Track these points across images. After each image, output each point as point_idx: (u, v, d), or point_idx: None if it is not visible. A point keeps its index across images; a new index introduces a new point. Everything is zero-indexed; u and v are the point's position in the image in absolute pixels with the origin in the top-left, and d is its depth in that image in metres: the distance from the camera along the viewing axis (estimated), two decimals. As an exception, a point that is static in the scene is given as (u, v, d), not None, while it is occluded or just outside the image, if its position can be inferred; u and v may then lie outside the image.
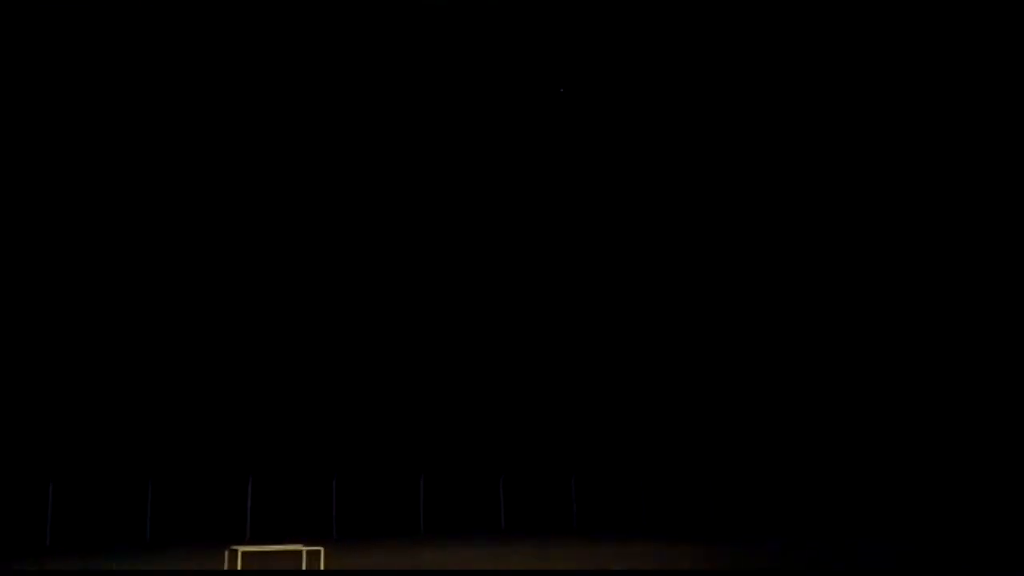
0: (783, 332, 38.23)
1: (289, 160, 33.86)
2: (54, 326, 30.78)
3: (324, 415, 33.05)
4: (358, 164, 34.90)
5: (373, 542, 25.33)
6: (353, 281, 35.04)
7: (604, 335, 37.92)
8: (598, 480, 33.86)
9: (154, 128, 32.20)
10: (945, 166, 37.61)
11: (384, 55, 34.77)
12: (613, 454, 35.82)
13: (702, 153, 38.53)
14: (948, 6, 34.30)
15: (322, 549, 15.44)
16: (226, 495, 27.78)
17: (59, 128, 30.85)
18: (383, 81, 34.88)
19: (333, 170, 34.61)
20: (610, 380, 37.74)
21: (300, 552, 15.51)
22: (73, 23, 30.21)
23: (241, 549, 15.00)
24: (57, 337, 30.70)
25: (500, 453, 33.77)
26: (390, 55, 34.79)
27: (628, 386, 37.82)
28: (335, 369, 34.17)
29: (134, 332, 31.96)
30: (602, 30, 35.75)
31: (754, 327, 38.38)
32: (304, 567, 15.18)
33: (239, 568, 14.45)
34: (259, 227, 33.66)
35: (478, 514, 31.19)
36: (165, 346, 32.20)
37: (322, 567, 15.18)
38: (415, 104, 35.27)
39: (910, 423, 36.57)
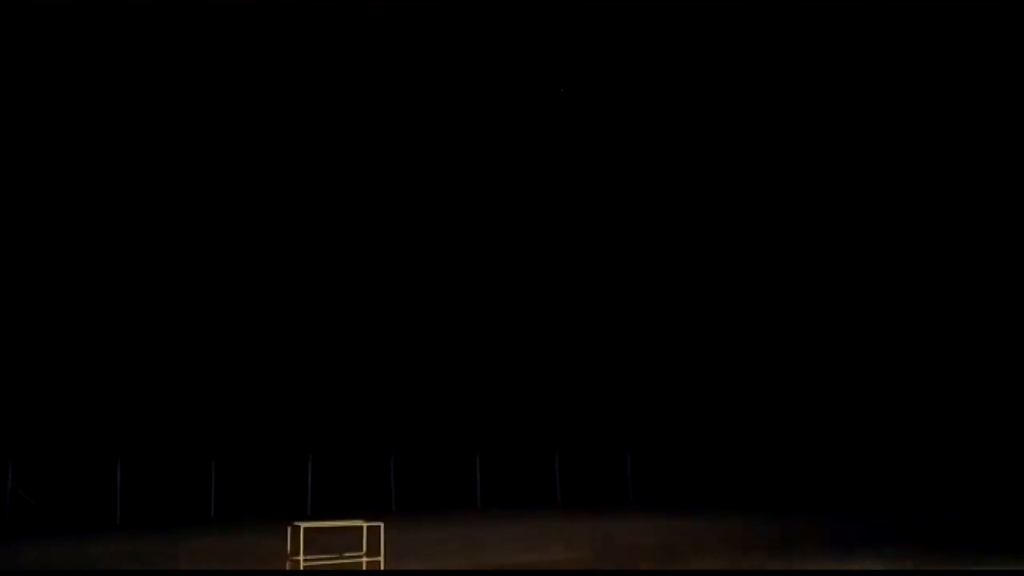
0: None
1: (286, 152, 34.07)
2: (118, 313, 31.52)
3: (381, 393, 33.54)
4: (357, 154, 35.07)
5: (431, 516, 25.73)
6: (401, 263, 35.41)
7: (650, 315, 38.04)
8: (653, 454, 33.99)
9: (153, 127, 32.66)
10: (945, 166, 37.16)
11: (384, 55, 34.91)
12: (666, 428, 35.91)
13: (702, 153, 38.47)
14: (948, 7, 33.70)
15: (382, 524, 15.77)
16: (287, 473, 28.37)
17: (59, 128, 31.38)
18: (383, 81, 35.07)
19: (333, 161, 34.82)
20: (665, 354, 37.83)
21: (361, 527, 15.86)
22: (73, 23, 30.66)
23: (303, 525, 15.37)
24: (121, 320, 31.45)
25: (555, 429, 34.01)
26: (390, 55, 34.93)
27: (683, 360, 37.89)
28: (392, 347, 34.62)
29: (198, 313, 32.64)
30: (602, 30, 35.62)
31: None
32: (364, 541, 15.52)
33: (301, 543, 14.84)
34: (295, 212, 34.04)
35: (534, 489, 31.49)
36: (227, 328, 32.84)
37: (382, 541, 15.50)
38: (415, 104, 35.45)
39: (905, 396, 36.39)
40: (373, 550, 15.55)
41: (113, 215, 31.74)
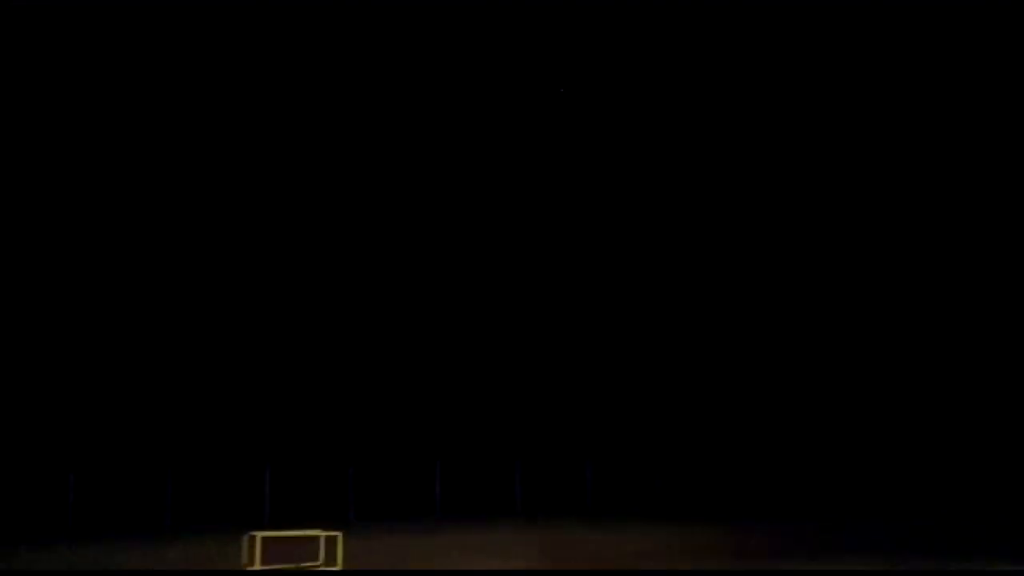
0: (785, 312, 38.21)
1: (293, 153, 33.90)
2: (70, 316, 31.05)
3: (339, 402, 33.26)
4: (359, 159, 34.93)
5: (390, 526, 25.53)
6: (363, 270, 35.20)
7: (615, 319, 38.00)
8: (613, 464, 33.96)
9: (152, 126, 32.37)
10: (945, 167, 37.59)
11: (384, 55, 34.83)
12: (628, 438, 35.89)
13: (702, 153, 38.64)
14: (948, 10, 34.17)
15: (340, 534, 15.61)
16: (244, 483, 28.01)
17: (59, 127, 31.04)
18: (383, 81, 34.97)
19: (335, 165, 34.66)
20: (626, 363, 37.82)
21: (318, 537, 15.68)
22: (73, 23, 30.37)
23: (260, 534, 15.17)
24: (79, 327, 30.98)
25: (516, 438, 33.89)
26: (390, 55, 34.86)
27: (644, 369, 37.91)
28: (350, 355, 34.36)
29: (154, 322, 32.21)
30: (602, 30, 35.74)
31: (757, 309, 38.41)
32: (322, 552, 15.34)
33: (258, 553, 14.63)
34: (263, 218, 33.78)
35: (494, 498, 31.36)
36: (182, 335, 32.43)
37: (340, 551, 15.33)
38: (415, 104, 35.36)
39: (896, 403, 36.64)
40: (331, 560, 15.38)
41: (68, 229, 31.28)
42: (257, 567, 14.65)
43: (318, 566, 15.31)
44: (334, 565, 15.32)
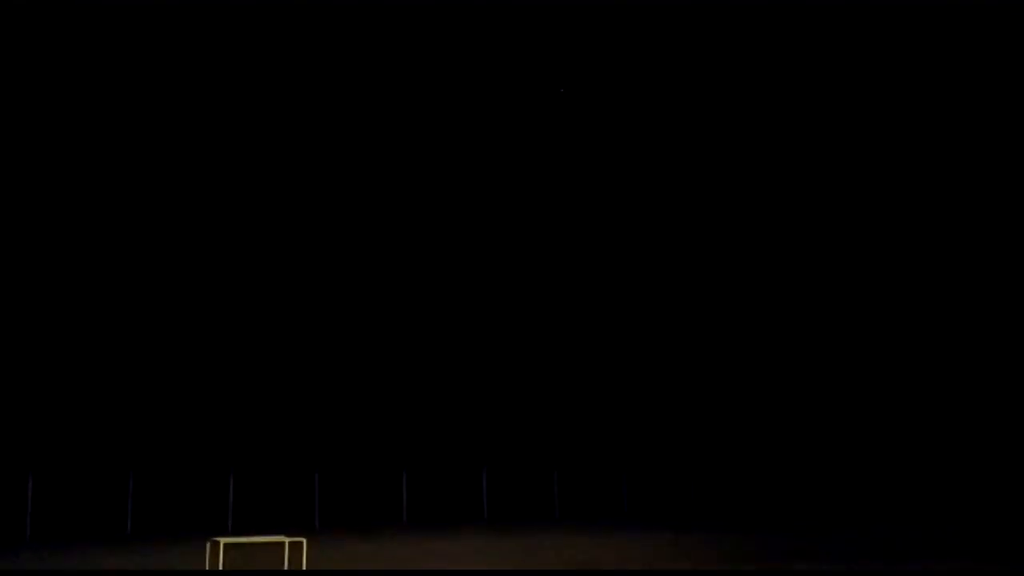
0: (766, 321, 38.31)
1: (276, 156, 33.68)
2: (36, 318, 30.57)
3: (305, 408, 32.97)
4: (350, 161, 34.76)
5: (355, 534, 25.29)
6: (334, 275, 34.96)
7: (584, 326, 37.95)
8: (580, 471, 33.91)
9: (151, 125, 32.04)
10: (945, 168, 37.79)
11: (384, 54, 34.65)
12: (594, 445, 35.86)
13: (702, 153, 38.66)
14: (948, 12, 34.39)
15: (304, 541, 15.40)
16: (207, 488, 27.66)
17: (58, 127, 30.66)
18: (383, 81, 34.78)
19: (321, 166, 34.47)
20: (591, 371, 37.78)
21: (282, 543, 15.46)
22: (72, 23, 30.01)
23: (223, 541, 14.94)
24: (38, 328, 30.50)
25: (482, 445, 33.76)
26: (390, 54, 34.68)
27: (609, 377, 37.88)
28: (316, 362, 34.09)
29: (116, 324, 31.78)
30: (602, 30, 35.74)
31: (737, 313, 38.46)
32: (286, 559, 15.14)
33: (220, 560, 14.41)
34: (238, 224, 33.49)
35: (460, 505, 31.21)
36: (147, 338, 32.02)
37: (304, 559, 15.14)
38: (415, 104, 35.19)
39: (884, 405, 36.77)
40: (295, 566, 15.18)
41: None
42: None
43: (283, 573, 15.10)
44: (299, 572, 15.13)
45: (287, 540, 15.48)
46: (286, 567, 15.18)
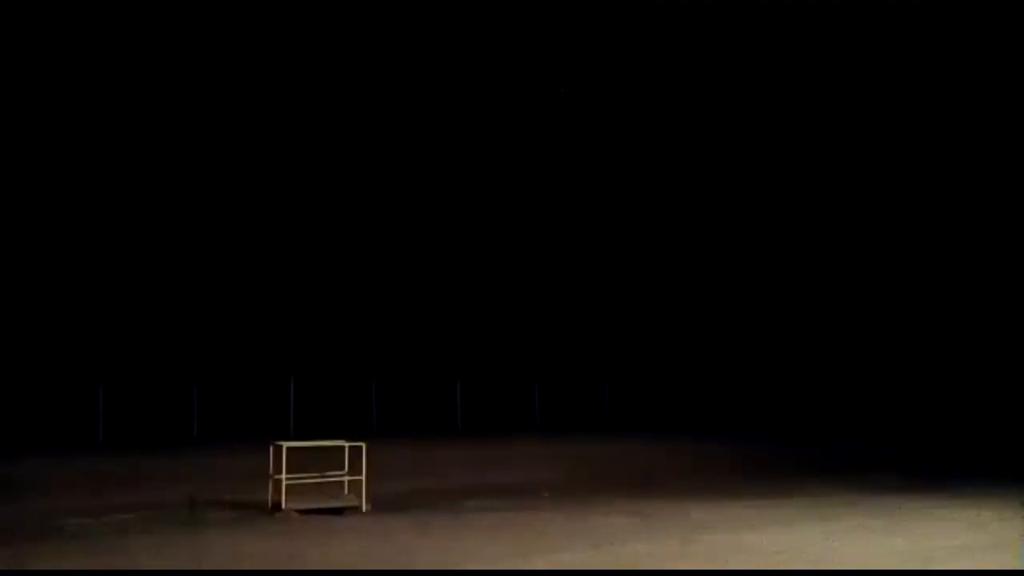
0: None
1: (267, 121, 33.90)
2: (98, 228, 31.48)
3: (364, 317, 33.75)
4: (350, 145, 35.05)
5: (412, 439, 26.08)
6: (386, 190, 35.48)
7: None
8: (631, 381, 34.41)
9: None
10: (945, 167, 37.18)
11: (383, 54, 34.54)
12: (645, 356, 36.30)
13: (702, 153, 38.49)
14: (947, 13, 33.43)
15: (364, 444, 16.03)
16: (270, 395, 28.56)
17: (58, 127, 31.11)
18: (383, 81, 34.77)
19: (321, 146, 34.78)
20: (637, 282, 38.23)
21: (343, 447, 16.15)
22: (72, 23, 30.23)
23: (285, 444, 15.62)
24: (99, 237, 31.42)
25: (535, 356, 34.34)
26: (390, 54, 34.57)
27: (654, 288, 38.31)
28: (373, 271, 34.79)
29: (177, 236, 32.64)
30: (602, 30, 35.27)
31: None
32: (346, 461, 15.77)
33: (283, 461, 15.09)
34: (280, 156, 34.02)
35: (514, 414, 31.91)
36: (205, 251, 32.85)
37: (364, 460, 15.77)
38: (414, 104, 35.21)
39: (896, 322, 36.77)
40: (355, 470, 15.84)
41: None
42: (283, 476, 15.13)
43: (343, 476, 15.80)
44: (358, 475, 15.79)
45: (347, 444, 16.15)
46: (346, 469, 15.87)
